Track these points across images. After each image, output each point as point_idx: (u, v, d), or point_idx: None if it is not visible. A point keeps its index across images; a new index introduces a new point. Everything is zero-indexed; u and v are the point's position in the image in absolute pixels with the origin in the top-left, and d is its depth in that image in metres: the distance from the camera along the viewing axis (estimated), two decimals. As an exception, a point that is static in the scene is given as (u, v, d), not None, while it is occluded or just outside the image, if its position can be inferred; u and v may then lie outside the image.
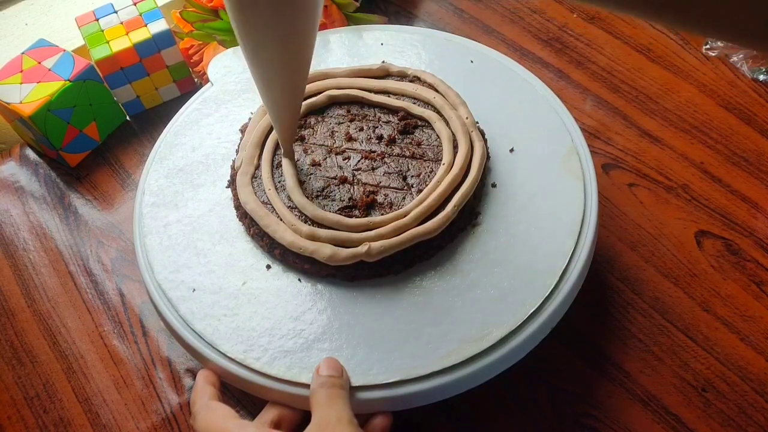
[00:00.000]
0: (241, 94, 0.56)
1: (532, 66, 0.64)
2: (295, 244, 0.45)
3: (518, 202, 0.48)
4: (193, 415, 0.41)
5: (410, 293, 0.45)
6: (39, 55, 0.62)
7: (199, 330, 0.44)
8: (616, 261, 0.52)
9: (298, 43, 0.40)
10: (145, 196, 0.51)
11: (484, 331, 0.42)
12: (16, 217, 0.61)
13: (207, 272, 0.47)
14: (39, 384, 0.52)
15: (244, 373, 0.43)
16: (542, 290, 0.43)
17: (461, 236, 0.47)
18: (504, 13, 0.70)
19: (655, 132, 0.59)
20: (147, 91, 0.65)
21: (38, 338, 0.54)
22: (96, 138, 0.64)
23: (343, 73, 0.54)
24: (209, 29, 0.64)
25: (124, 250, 0.58)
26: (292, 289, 0.46)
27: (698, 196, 0.55)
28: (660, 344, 0.48)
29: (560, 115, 0.52)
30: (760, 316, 0.49)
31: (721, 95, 0.61)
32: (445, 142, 0.49)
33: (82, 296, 0.56)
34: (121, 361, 0.52)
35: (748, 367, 0.47)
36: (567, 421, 0.46)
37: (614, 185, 0.56)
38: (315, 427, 0.38)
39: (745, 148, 0.57)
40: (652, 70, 0.63)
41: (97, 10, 0.64)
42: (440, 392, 0.41)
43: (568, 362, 0.48)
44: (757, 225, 0.53)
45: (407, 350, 0.42)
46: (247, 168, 0.49)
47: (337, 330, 0.43)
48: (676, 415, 0.46)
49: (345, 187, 0.48)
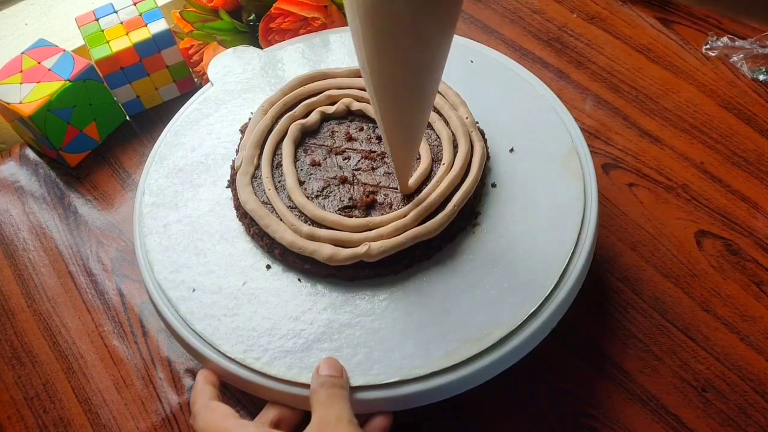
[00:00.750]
0: (241, 94, 0.56)
1: (532, 66, 0.64)
2: (295, 244, 0.45)
3: (518, 202, 0.48)
4: (193, 415, 0.41)
5: (410, 293, 0.45)
6: (39, 55, 0.62)
7: (199, 330, 0.44)
8: (616, 261, 0.52)
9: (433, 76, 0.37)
10: (145, 196, 0.51)
11: (484, 331, 0.42)
12: (16, 217, 0.61)
13: (207, 272, 0.47)
14: (39, 384, 0.52)
15: (244, 373, 0.43)
16: (542, 290, 0.43)
17: (461, 236, 0.47)
18: (504, 13, 0.70)
19: (655, 132, 0.59)
20: (147, 91, 0.65)
21: (38, 338, 0.54)
22: (96, 138, 0.64)
23: (343, 73, 0.54)
24: (209, 29, 0.64)
25: (124, 250, 0.58)
26: (292, 289, 0.46)
27: (698, 196, 0.55)
28: (660, 344, 0.48)
29: (560, 115, 0.52)
30: (760, 316, 0.49)
31: (721, 95, 0.61)
32: (444, 142, 0.49)
33: (82, 296, 0.56)
34: (121, 361, 0.52)
35: (748, 367, 0.47)
36: (567, 421, 0.46)
37: (614, 185, 0.56)
38: (315, 427, 0.38)
39: (745, 148, 0.57)
40: (652, 70, 0.63)
41: (97, 10, 0.64)
42: (440, 392, 0.41)
43: (568, 362, 0.48)
44: (757, 225, 0.53)
45: (407, 350, 0.42)
46: (247, 168, 0.49)
47: (337, 330, 0.43)
48: (676, 415, 0.46)
49: (345, 187, 0.48)
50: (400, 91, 0.38)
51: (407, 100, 0.38)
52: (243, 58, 0.59)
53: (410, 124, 0.40)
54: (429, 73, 0.37)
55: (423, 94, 0.38)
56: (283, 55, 0.59)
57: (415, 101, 0.39)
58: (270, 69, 0.58)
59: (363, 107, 0.52)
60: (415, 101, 0.39)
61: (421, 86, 0.38)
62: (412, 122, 0.40)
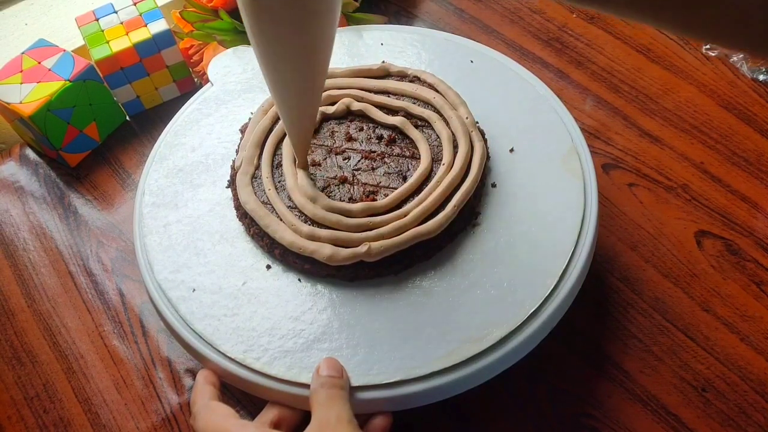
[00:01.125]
0: (241, 94, 0.56)
1: (532, 66, 0.64)
2: (295, 244, 0.45)
3: (518, 202, 0.48)
4: (193, 415, 0.41)
5: (410, 293, 0.45)
6: (39, 55, 0.62)
7: (199, 330, 0.44)
8: (616, 261, 0.52)
9: (316, 50, 0.39)
10: (145, 196, 0.51)
11: (484, 331, 0.42)
12: (16, 217, 0.61)
13: (207, 272, 0.47)
14: (39, 384, 0.52)
15: (244, 373, 0.43)
16: (542, 290, 0.43)
17: (461, 236, 0.47)
18: (504, 13, 0.70)
19: (655, 132, 0.59)
20: (147, 91, 0.65)
21: (38, 338, 0.54)
22: (96, 138, 0.64)
23: (343, 73, 0.54)
24: (209, 29, 0.64)
25: (124, 250, 0.58)
26: (292, 289, 0.46)
27: (698, 196, 0.55)
28: (660, 344, 0.48)
29: (560, 115, 0.52)
30: (760, 316, 0.49)
31: (721, 95, 0.61)
32: (444, 142, 0.49)
33: (82, 296, 0.56)
34: (121, 361, 0.52)
35: (748, 367, 0.47)
36: (567, 421, 0.46)
37: (614, 185, 0.56)
38: (315, 427, 0.38)
39: (745, 148, 0.57)
40: (652, 70, 0.63)
41: (97, 10, 0.64)
42: (440, 392, 0.41)
43: (568, 362, 0.48)
44: (757, 225, 0.53)
45: (407, 350, 0.42)
46: (247, 168, 0.49)
47: (337, 330, 0.43)
48: (676, 415, 0.46)
49: (345, 187, 0.48)
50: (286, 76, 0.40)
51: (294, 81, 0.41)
52: (243, 58, 0.59)
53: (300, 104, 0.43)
54: (311, 54, 0.39)
55: (308, 77, 0.41)
56: (283, 55, 0.59)
57: (301, 82, 0.41)
58: (270, 69, 0.58)
59: (363, 107, 0.52)
60: (301, 82, 0.41)
61: (304, 69, 0.40)
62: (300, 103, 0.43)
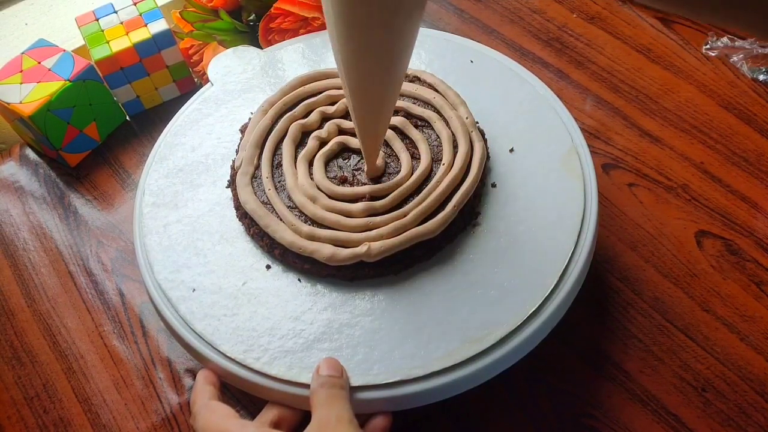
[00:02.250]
0: (241, 94, 0.56)
1: (532, 66, 0.64)
2: (295, 244, 0.45)
3: (518, 202, 0.48)
4: (193, 415, 0.41)
5: (410, 293, 0.45)
6: (39, 55, 0.62)
7: (199, 330, 0.44)
8: (616, 261, 0.52)
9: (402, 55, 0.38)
10: (145, 196, 0.51)
11: (484, 331, 0.42)
12: (16, 217, 0.61)
13: (207, 272, 0.47)
14: (39, 384, 0.52)
15: (244, 373, 0.43)
16: (542, 290, 0.43)
17: (461, 236, 0.47)
18: (504, 13, 0.70)
19: (655, 132, 0.59)
20: (147, 91, 0.65)
21: (38, 338, 0.54)
22: (96, 138, 0.64)
23: (343, 73, 0.54)
24: (209, 29, 0.64)
25: (124, 250, 0.58)
26: (292, 289, 0.46)
27: (698, 196, 0.55)
28: (660, 344, 0.48)
29: (560, 115, 0.52)
30: (760, 316, 0.49)
31: (721, 95, 0.61)
32: (444, 142, 0.49)
33: (82, 296, 0.56)
34: (121, 361, 0.52)
35: (748, 367, 0.47)
36: (567, 421, 0.46)
37: (614, 185, 0.56)
38: (315, 427, 0.38)
39: (745, 148, 0.57)
40: (652, 70, 0.63)
41: (97, 10, 0.64)
42: (440, 392, 0.41)
43: (568, 362, 0.48)
44: (757, 225, 0.53)
45: (407, 350, 0.42)
46: (246, 168, 0.49)
47: (337, 330, 0.43)
48: (676, 414, 0.46)
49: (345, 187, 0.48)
50: (371, 78, 0.40)
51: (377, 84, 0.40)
52: (243, 58, 0.59)
53: (380, 109, 0.42)
54: (398, 61, 0.39)
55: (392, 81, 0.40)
56: (283, 55, 0.59)
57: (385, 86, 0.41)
58: (270, 69, 0.58)
59: None
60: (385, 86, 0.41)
61: (390, 75, 0.40)
62: (382, 108, 0.42)
